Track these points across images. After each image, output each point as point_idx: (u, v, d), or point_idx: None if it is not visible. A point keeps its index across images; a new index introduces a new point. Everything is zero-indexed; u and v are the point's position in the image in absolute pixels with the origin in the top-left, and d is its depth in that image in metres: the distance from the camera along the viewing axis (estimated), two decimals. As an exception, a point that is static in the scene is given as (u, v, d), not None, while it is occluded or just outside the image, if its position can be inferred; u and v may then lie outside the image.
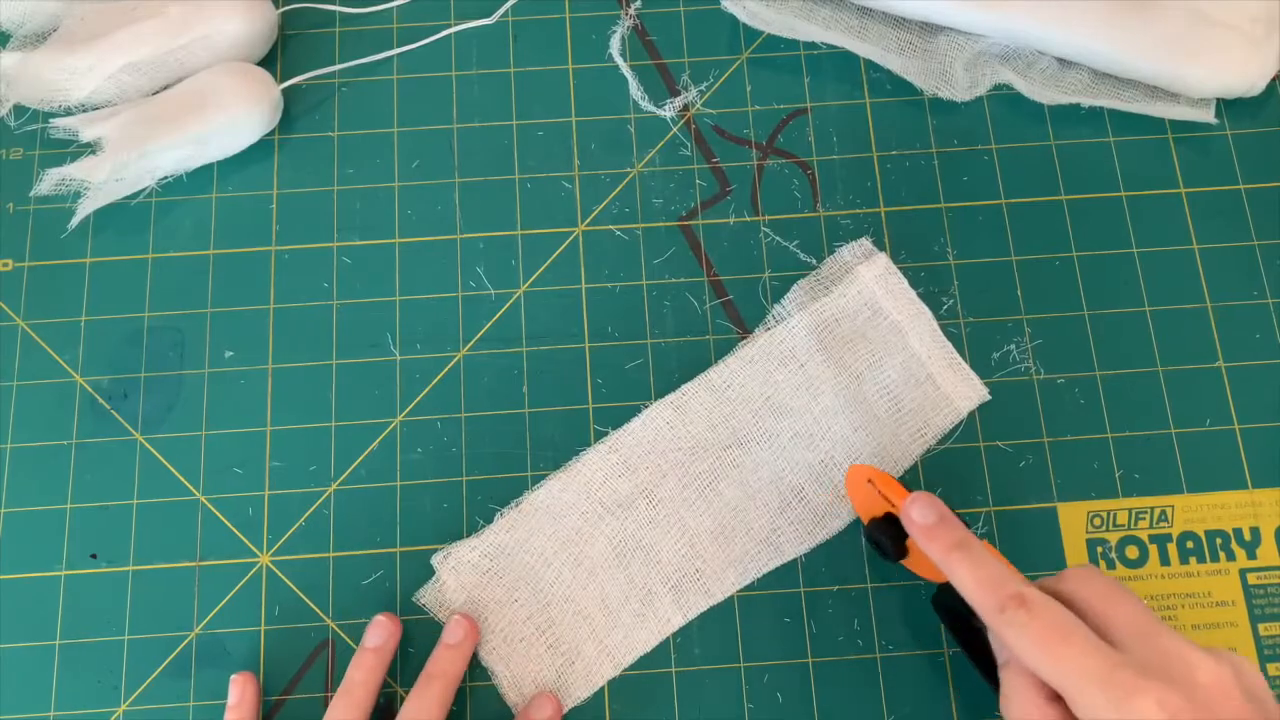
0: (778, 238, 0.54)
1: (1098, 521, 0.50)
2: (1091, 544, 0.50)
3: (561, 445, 0.51)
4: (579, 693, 0.48)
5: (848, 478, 0.48)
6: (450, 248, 0.54)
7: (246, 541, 0.50)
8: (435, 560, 0.49)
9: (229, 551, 0.50)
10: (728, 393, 0.51)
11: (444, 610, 0.49)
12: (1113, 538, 0.50)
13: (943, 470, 0.51)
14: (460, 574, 0.49)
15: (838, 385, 0.51)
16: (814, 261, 0.54)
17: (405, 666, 0.48)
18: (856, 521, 0.50)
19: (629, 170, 0.56)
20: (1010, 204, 0.55)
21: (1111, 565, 0.50)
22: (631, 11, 0.58)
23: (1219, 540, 0.50)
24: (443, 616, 0.48)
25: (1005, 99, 0.57)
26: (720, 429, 0.50)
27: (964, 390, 0.52)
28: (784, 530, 0.49)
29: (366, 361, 0.52)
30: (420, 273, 0.54)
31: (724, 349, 0.52)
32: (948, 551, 0.42)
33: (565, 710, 0.47)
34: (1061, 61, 0.56)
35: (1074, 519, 0.50)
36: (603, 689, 0.48)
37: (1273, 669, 0.48)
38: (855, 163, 0.56)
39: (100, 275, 0.54)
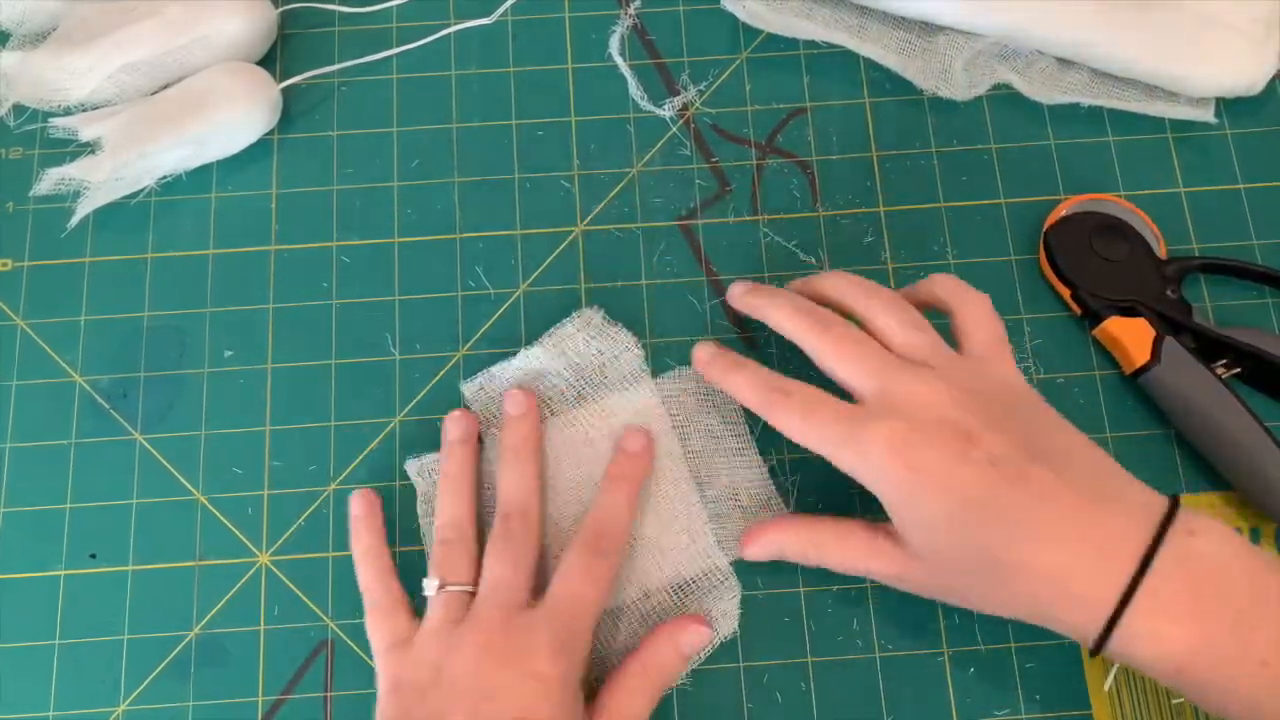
0: (777, 237, 0.54)
1: (1097, 521, 0.50)
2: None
3: (561, 445, 0.51)
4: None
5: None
6: (450, 247, 0.54)
7: (246, 541, 0.50)
8: (408, 467, 0.50)
9: (228, 551, 0.50)
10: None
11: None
12: (1112, 537, 0.50)
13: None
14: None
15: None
16: (814, 261, 0.54)
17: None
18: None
19: (628, 170, 0.56)
20: (1010, 203, 0.55)
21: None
22: (631, 11, 0.58)
23: (1219, 540, 0.50)
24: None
25: (1005, 98, 0.57)
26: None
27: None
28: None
29: (366, 361, 0.52)
30: (420, 272, 0.54)
31: (723, 349, 0.52)
32: (725, 373, 0.47)
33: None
34: (1061, 61, 0.56)
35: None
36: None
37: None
38: (855, 162, 0.56)
39: (99, 275, 0.54)
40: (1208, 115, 0.56)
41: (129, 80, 0.54)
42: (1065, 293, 0.52)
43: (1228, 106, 0.56)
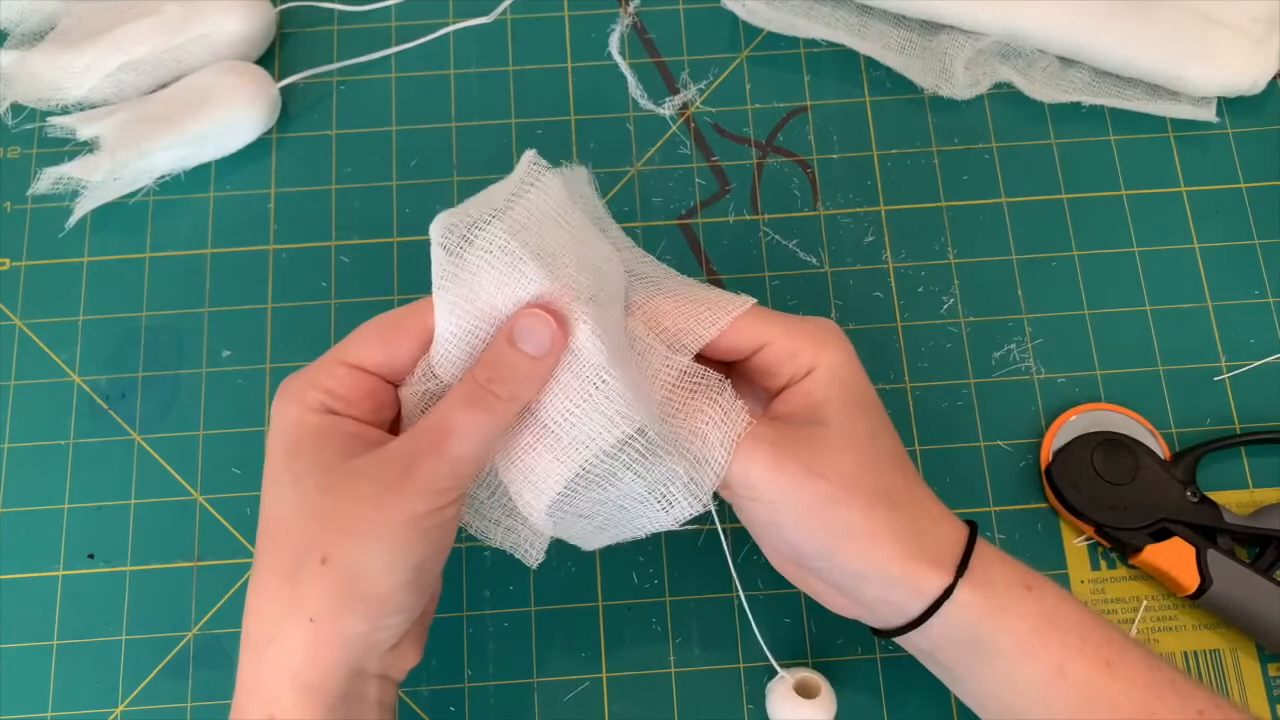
0: (777, 236, 0.54)
1: (1098, 521, 0.50)
2: (1092, 544, 0.50)
3: (560, 445, 0.51)
4: None
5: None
6: (449, 247, 0.54)
7: (244, 542, 0.50)
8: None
9: (227, 551, 0.50)
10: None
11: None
12: (1113, 538, 0.50)
13: (943, 469, 0.51)
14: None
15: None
16: (814, 261, 0.54)
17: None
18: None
19: (628, 169, 0.55)
20: (1011, 203, 0.55)
21: (1113, 565, 0.50)
22: (631, 9, 0.58)
23: (1220, 540, 0.50)
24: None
25: (1006, 97, 0.57)
26: None
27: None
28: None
29: (365, 361, 0.52)
30: (419, 272, 0.54)
31: (723, 348, 0.52)
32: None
33: None
34: (1062, 60, 0.56)
35: (1074, 519, 0.50)
36: (602, 689, 0.48)
37: (1273, 669, 0.48)
38: (855, 161, 0.55)
39: (98, 274, 0.54)
40: (1209, 114, 0.56)
41: (127, 79, 0.54)
42: (1089, 530, 0.49)
43: (1229, 106, 0.56)
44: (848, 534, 0.39)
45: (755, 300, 0.41)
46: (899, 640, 0.42)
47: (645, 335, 0.40)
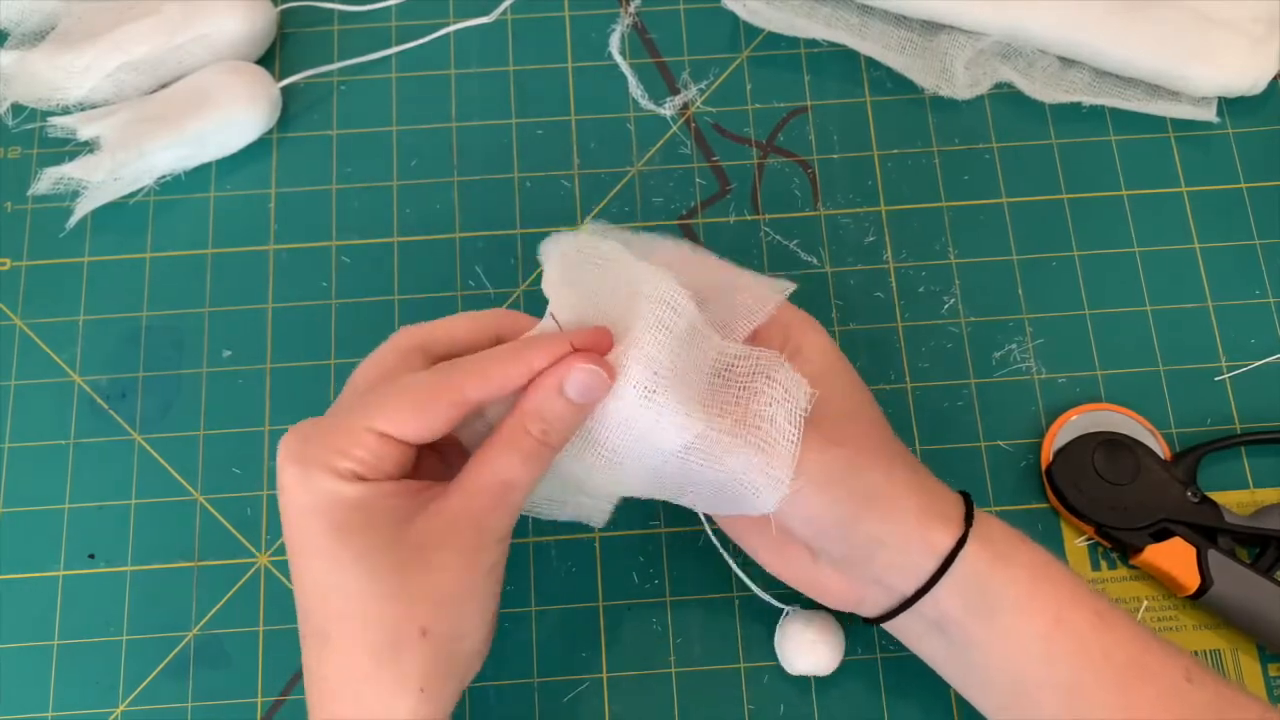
0: (778, 237, 0.54)
1: (1099, 522, 0.50)
2: (1092, 544, 0.50)
3: (561, 445, 0.51)
4: None
5: None
6: (449, 247, 0.54)
7: (245, 542, 0.50)
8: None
9: (227, 551, 0.50)
10: None
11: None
12: (1114, 538, 0.50)
13: (944, 469, 0.50)
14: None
15: None
16: (814, 261, 0.54)
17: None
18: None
19: (629, 169, 0.55)
20: (1011, 203, 0.55)
21: (1113, 565, 0.50)
22: (631, 9, 0.58)
23: (1220, 540, 0.50)
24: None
25: (1006, 97, 0.56)
26: None
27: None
28: None
29: (365, 361, 0.52)
30: (419, 272, 0.54)
31: (724, 348, 0.52)
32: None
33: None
34: (1063, 60, 0.56)
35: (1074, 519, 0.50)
36: (602, 689, 0.48)
37: (1273, 669, 0.48)
38: (856, 161, 0.55)
39: (98, 274, 0.54)
40: (1209, 114, 0.56)
41: (127, 79, 0.54)
42: (1089, 531, 0.49)
43: (1229, 106, 0.56)
44: (869, 497, 0.40)
45: (795, 285, 0.42)
46: (896, 625, 0.42)
47: (702, 327, 0.39)
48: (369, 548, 0.36)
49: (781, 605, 0.48)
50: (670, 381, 0.37)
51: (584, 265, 0.40)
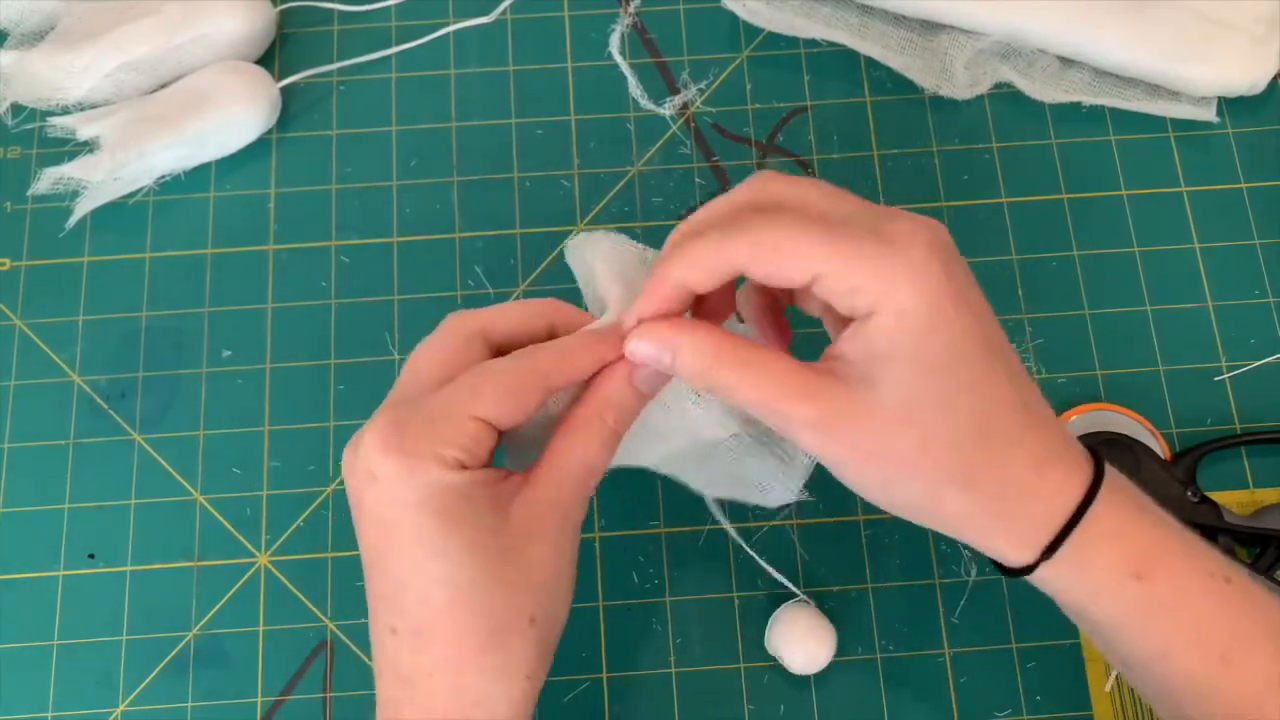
0: (778, 237, 0.54)
1: (1098, 522, 0.50)
2: (1092, 544, 0.50)
3: (561, 445, 0.51)
4: None
5: None
6: (449, 246, 0.54)
7: (245, 542, 0.50)
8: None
9: (227, 552, 0.50)
10: None
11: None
12: (1113, 538, 0.50)
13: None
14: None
15: None
16: (814, 260, 0.54)
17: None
18: (858, 526, 0.50)
19: (628, 169, 0.55)
20: (1011, 202, 0.55)
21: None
22: (631, 9, 0.58)
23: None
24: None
25: (1006, 97, 0.56)
26: None
27: None
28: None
29: (365, 361, 0.52)
30: (419, 272, 0.54)
31: (724, 348, 0.52)
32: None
33: None
34: (1063, 60, 0.56)
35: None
36: (602, 689, 0.48)
37: (1274, 669, 0.48)
38: (856, 161, 0.55)
39: (98, 274, 0.54)
40: (1209, 114, 0.56)
41: (127, 79, 0.54)
42: None
43: (1229, 105, 0.56)
44: (913, 510, 0.36)
45: None
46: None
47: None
48: (476, 537, 0.35)
49: (795, 590, 0.47)
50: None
51: (629, 265, 0.41)
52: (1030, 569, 0.36)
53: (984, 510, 0.35)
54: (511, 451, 0.39)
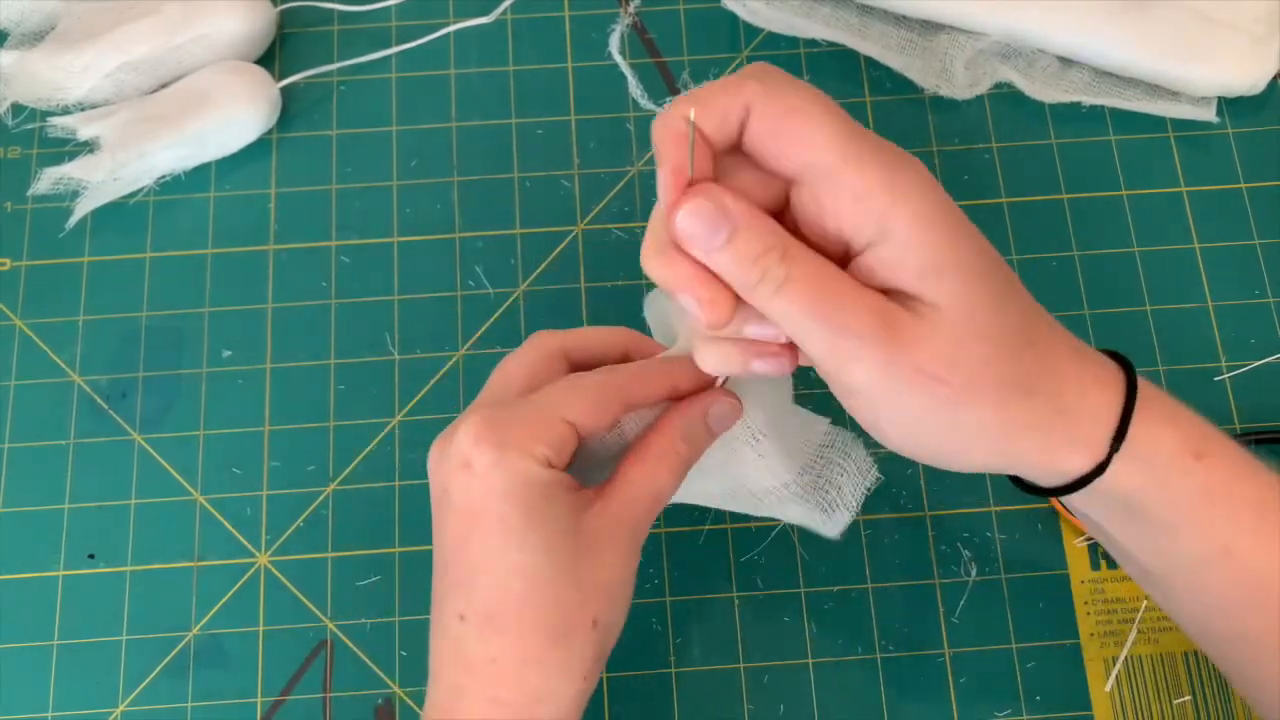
0: (778, 237, 0.54)
1: (1098, 521, 0.50)
2: (1092, 544, 0.50)
3: (561, 445, 0.51)
4: None
5: None
6: (449, 247, 0.54)
7: (245, 542, 0.50)
8: None
9: (227, 552, 0.50)
10: None
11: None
12: (1113, 538, 0.50)
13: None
14: None
15: None
16: (814, 260, 0.54)
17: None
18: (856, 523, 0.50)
19: (629, 169, 0.55)
20: (1011, 203, 0.55)
21: (1113, 565, 0.49)
22: (631, 9, 0.58)
23: (1220, 540, 0.50)
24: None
25: (1006, 97, 0.56)
26: None
27: None
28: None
29: (365, 361, 0.52)
30: (419, 272, 0.54)
31: (724, 348, 0.52)
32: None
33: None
34: (1063, 60, 0.56)
35: (1074, 519, 0.50)
36: (602, 689, 0.48)
37: (1274, 669, 0.48)
38: (855, 161, 0.55)
39: (98, 274, 0.54)
40: (1209, 114, 0.56)
41: (127, 79, 0.54)
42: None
43: (1229, 105, 0.56)
44: (978, 434, 0.35)
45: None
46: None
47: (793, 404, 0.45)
48: (555, 533, 0.37)
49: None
50: (772, 434, 0.42)
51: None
52: (1099, 470, 0.35)
53: (1048, 414, 0.34)
54: (576, 469, 0.40)
